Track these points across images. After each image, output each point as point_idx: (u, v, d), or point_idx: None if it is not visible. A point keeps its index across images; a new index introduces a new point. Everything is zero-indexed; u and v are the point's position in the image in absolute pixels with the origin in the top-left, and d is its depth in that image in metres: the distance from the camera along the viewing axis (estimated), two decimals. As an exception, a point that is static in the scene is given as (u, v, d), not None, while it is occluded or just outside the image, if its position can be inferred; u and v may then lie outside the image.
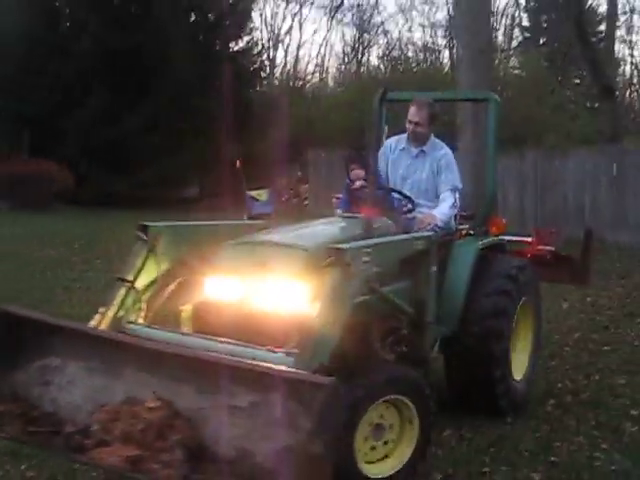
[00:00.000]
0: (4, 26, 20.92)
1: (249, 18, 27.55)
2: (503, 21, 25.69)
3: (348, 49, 38.41)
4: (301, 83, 35.58)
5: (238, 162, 18.32)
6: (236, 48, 26.25)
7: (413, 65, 29.47)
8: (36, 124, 20.87)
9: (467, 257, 4.91)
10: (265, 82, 30.89)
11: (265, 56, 32.84)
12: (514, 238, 6.45)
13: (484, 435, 4.86)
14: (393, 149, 5.38)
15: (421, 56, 31.55)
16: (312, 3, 37.23)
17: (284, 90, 31.16)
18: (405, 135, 5.28)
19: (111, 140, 20.59)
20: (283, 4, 37.09)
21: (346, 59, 37.99)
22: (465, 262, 4.87)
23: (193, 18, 24.77)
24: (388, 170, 5.34)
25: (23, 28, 20.78)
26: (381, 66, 32.97)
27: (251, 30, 28.60)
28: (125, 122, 20.64)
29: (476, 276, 4.88)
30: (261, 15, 36.20)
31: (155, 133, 21.07)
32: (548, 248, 6.32)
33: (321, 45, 47.67)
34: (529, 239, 6.50)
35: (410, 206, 4.96)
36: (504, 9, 27.45)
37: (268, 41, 36.20)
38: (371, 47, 38.51)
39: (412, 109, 5.16)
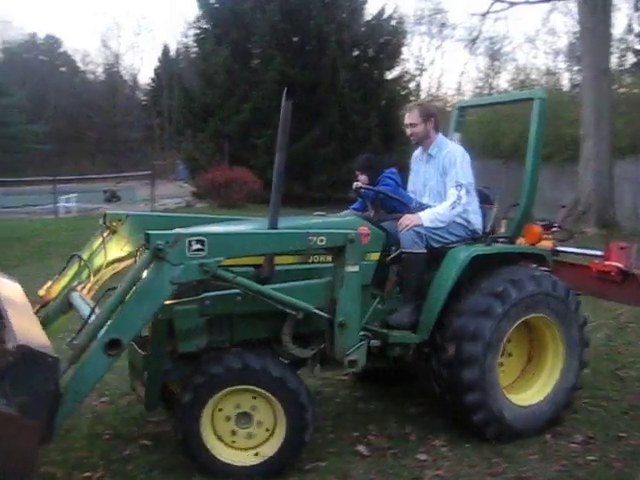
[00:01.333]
0: (213, 64, 26.44)
1: (400, 52, 30.99)
2: (618, 45, 27.92)
3: (481, 75, 42.28)
4: (443, 104, 39.28)
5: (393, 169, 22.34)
6: (390, 76, 30.03)
7: (537, 87, 32.05)
8: (234, 139, 26.01)
9: (452, 266, 4.53)
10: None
11: (413, 83, 36.59)
12: (581, 251, 6.01)
13: (617, 402, 5.19)
14: (415, 159, 5.26)
15: (544, 79, 34.21)
16: (452, 37, 41.16)
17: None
18: None
19: (292, 152, 25.34)
20: (428, 39, 41.24)
21: (480, 83, 41.67)
22: (448, 271, 4.52)
23: (356, 53, 28.63)
24: (413, 180, 5.23)
25: (227, 65, 26.27)
26: (509, 89, 36.02)
27: (402, 61, 31.98)
28: (304, 138, 25.40)
29: (462, 289, 4.55)
30: (409, 49, 40.50)
31: (327, 146, 25.75)
32: (615, 264, 5.49)
33: (459, 72, 52.04)
34: (599, 253, 5.78)
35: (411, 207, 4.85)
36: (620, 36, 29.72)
37: (415, 70, 40.46)
38: (501, 73, 42.41)
39: (405, 115, 5.10)
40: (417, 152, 5.19)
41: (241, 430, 3.97)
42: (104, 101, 58.76)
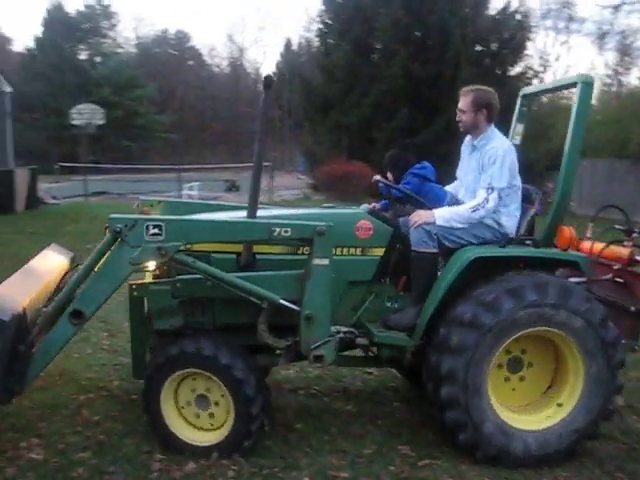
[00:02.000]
0: (335, 58, 26.83)
1: (525, 47, 29.77)
2: None
3: (610, 71, 40.26)
4: (567, 102, 37.87)
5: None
6: (513, 73, 28.99)
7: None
8: (353, 133, 26.25)
9: (450, 268, 4.26)
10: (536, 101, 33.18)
11: (537, 80, 35.41)
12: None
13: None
14: (464, 147, 4.92)
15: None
16: (579, 32, 39.48)
17: (553, 108, 33.54)
18: None
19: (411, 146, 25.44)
20: (553, 34, 39.74)
21: (608, 80, 39.71)
22: (446, 274, 4.26)
23: (479, 48, 28.05)
24: (460, 169, 4.95)
25: (348, 60, 26.55)
26: (640, 86, 34.24)
27: (526, 57, 30.55)
28: (422, 134, 25.28)
29: (458, 295, 4.22)
30: (534, 44, 39.25)
31: (445, 142, 25.45)
32: None
33: (586, 69, 49.79)
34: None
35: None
36: None
37: (539, 66, 39.16)
38: (631, 69, 40.36)
39: (460, 97, 4.65)
40: (467, 139, 4.81)
41: (199, 411, 4.18)
42: (228, 93, 60.71)
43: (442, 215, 4.35)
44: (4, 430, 4.34)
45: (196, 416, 4.19)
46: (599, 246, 4.89)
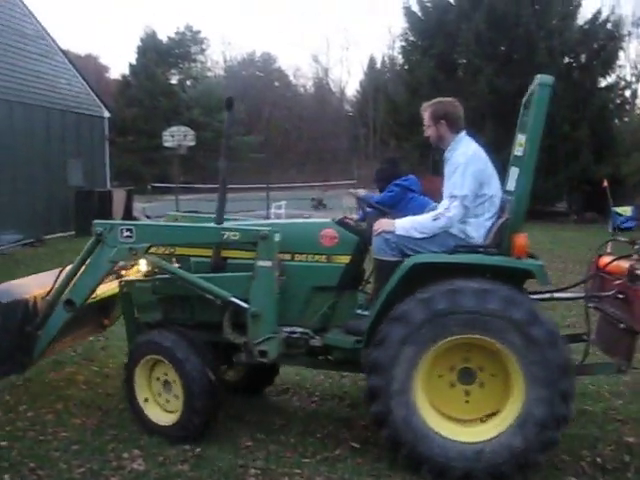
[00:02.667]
0: (418, 75, 26.87)
1: (616, 57, 28.86)
2: None
3: None
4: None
5: (605, 182, 21.12)
6: (603, 84, 28.28)
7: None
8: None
9: (395, 275, 4.20)
10: (628, 113, 31.93)
11: (629, 91, 34.17)
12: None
13: None
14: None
15: None
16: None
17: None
18: None
19: (497, 163, 25.05)
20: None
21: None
22: (391, 280, 4.20)
23: (567, 60, 27.62)
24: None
25: (432, 77, 26.54)
26: None
27: (617, 67, 29.59)
28: (508, 150, 24.83)
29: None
30: (626, 53, 37.84)
31: (534, 157, 25.01)
32: None
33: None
34: None
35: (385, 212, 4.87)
36: None
37: (632, 76, 37.71)
38: None
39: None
40: None
41: (164, 394, 4.67)
42: (313, 113, 61.49)
43: (402, 224, 4.35)
44: (108, 441, 4.60)
45: (161, 397, 4.70)
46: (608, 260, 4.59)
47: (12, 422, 4.91)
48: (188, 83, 55.06)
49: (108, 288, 5.24)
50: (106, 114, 19.26)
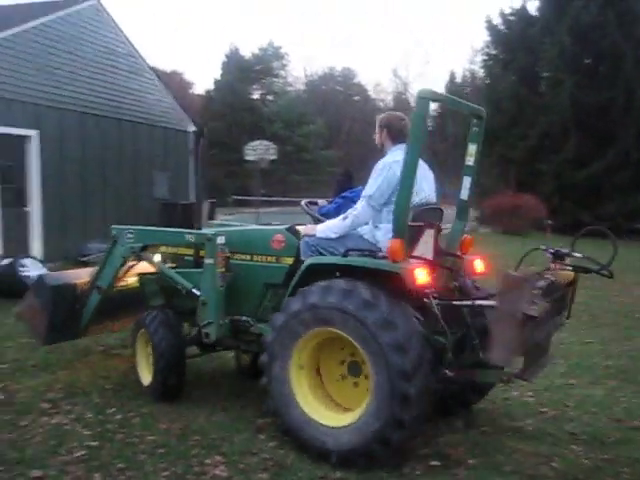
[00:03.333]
0: (500, 89, 26.53)
1: None
2: None
3: None
4: None
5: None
6: None
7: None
8: (520, 165, 25.70)
9: (297, 273, 4.82)
10: None
11: None
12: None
13: None
14: None
15: None
16: None
17: None
18: None
19: (580, 179, 24.48)
20: None
21: None
22: (294, 277, 4.83)
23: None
24: None
25: (514, 91, 26.13)
26: None
27: None
28: (592, 165, 24.27)
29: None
30: None
31: (620, 172, 24.26)
32: None
33: None
34: None
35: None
36: None
37: None
38: None
39: None
40: None
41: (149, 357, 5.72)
42: (392, 127, 61.32)
43: (321, 228, 4.94)
44: (192, 446, 4.74)
45: (149, 360, 5.73)
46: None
47: (102, 424, 5.12)
48: (269, 98, 56.00)
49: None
50: (192, 128, 19.81)
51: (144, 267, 6.09)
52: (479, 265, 5.13)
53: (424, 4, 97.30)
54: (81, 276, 6.40)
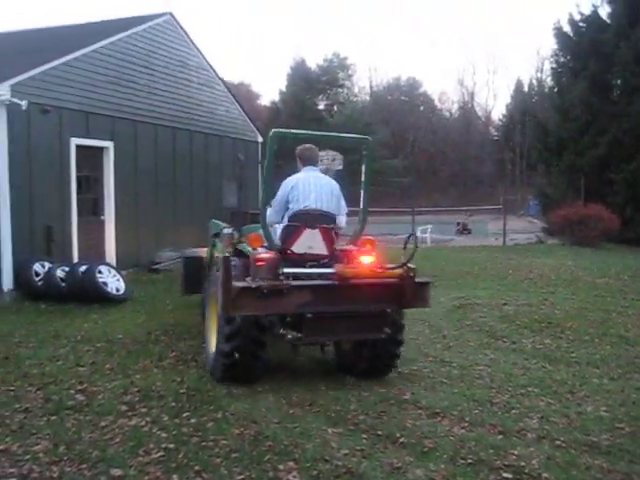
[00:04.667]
0: (570, 97, 26.08)
1: None
2: None
3: None
4: None
5: None
6: None
7: None
8: (589, 174, 25.08)
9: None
10: None
11: None
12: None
13: None
14: None
15: None
16: None
17: None
18: None
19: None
20: None
21: None
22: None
23: None
24: None
25: (585, 99, 25.67)
26: None
27: None
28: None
29: None
30: None
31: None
32: None
33: None
34: None
35: None
36: None
37: None
38: None
39: None
40: None
41: None
42: (458, 137, 60.90)
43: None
44: (264, 452, 4.83)
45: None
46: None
47: (177, 427, 5.27)
48: (335, 108, 56.34)
49: None
50: (259, 139, 20.10)
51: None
52: (359, 258, 6.37)
53: (489, 13, 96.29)
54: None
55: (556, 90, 31.12)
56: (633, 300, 11.53)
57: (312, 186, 6.53)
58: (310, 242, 6.32)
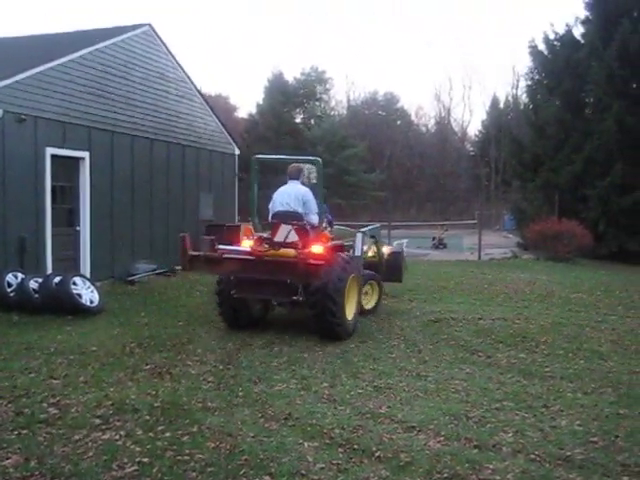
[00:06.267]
0: (544, 115, 26.42)
1: None
2: None
3: None
4: None
5: None
6: None
7: None
8: (564, 191, 25.39)
9: None
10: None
11: None
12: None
13: None
14: None
15: None
16: None
17: None
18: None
19: (626, 206, 24.08)
20: None
21: None
22: None
23: None
24: None
25: (559, 116, 26.00)
26: None
27: None
28: (638, 191, 23.86)
29: None
30: None
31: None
32: None
33: None
34: None
35: None
36: None
37: None
38: None
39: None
40: None
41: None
42: (434, 152, 61.32)
43: None
44: (240, 466, 4.77)
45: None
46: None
47: (152, 441, 5.22)
48: (312, 122, 56.47)
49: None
50: (236, 151, 20.09)
51: None
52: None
53: (465, 28, 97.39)
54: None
55: (531, 107, 31.54)
56: (606, 315, 11.70)
57: (285, 194, 9.47)
58: (285, 233, 9.09)
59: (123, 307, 11.53)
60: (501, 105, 62.48)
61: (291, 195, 9.34)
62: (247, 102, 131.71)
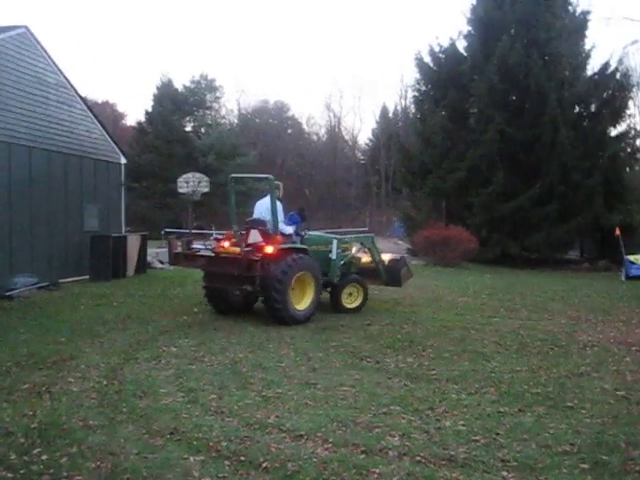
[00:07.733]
0: (431, 125, 27.25)
1: (626, 106, 29.08)
2: None
3: None
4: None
5: (617, 230, 21.14)
6: (613, 133, 28.28)
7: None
8: (451, 198, 26.28)
9: None
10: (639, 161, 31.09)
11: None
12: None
13: None
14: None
15: None
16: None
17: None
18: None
19: (508, 212, 25.22)
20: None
21: None
22: None
23: (577, 109, 27.92)
24: None
25: (444, 126, 26.88)
26: None
27: (627, 117, 29.72)
28: (519, 198, 25.05)
29: None
30: (636, 102, 38.15)
31: (545, 205, 25.11)
32: None
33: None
34: None
35: None
36: None
37: (642, 125, 37.61)
38: None
39: None
40: None
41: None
42: (325, 160, 62.02)
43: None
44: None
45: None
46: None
47: (27, 465, 4.91)
48: (202, 130, 55.81)
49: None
50: (123, 160, 19.56)
51: None
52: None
53: (355, 38, 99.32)
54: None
55: (418, 117, 32.40)
56: (490, 317, 12.19)
57: (261, 206, 11.76)
58: (254, 237, 11.05)
59: None
60: (390, 114, 64.08)
61: (263, 206, 11.64)
62: (136, 110, 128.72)
